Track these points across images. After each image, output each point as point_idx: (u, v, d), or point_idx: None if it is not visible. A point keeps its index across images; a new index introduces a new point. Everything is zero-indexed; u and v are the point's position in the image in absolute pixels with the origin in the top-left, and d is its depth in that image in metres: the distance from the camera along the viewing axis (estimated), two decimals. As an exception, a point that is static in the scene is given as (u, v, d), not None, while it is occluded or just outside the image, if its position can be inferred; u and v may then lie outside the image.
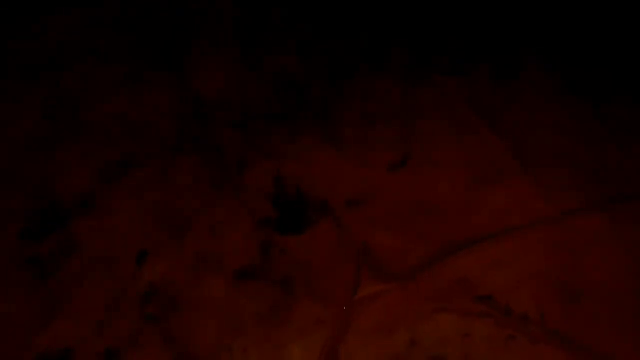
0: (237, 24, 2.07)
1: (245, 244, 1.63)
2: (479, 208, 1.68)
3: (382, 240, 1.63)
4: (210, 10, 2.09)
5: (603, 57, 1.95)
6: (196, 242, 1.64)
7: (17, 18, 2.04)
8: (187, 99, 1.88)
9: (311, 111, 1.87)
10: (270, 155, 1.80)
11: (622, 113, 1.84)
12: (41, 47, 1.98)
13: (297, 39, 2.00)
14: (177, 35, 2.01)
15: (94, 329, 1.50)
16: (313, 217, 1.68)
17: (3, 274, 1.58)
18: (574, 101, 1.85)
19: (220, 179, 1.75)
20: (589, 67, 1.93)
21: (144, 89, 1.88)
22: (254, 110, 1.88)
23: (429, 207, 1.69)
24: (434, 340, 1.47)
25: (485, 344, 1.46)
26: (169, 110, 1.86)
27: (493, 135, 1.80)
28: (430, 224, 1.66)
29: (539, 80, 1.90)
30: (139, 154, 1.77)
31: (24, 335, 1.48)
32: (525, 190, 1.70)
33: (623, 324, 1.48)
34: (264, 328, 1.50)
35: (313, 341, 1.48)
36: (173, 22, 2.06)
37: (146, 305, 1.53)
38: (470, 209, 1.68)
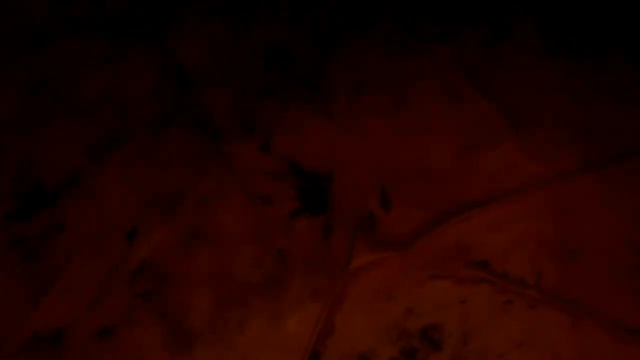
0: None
1: (237, 216, 1.62)
2: (473, 173, 1.66)
3: (377, 208, 1.62)
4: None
5: (591, 16, 1.93)
6: (187, 216, 1.61)
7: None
8: (172, 72, 1.85)
9: (300, 81, 1.84)
10: (259, 127, 1.77)
11: (611, 72, 1.81)
12: (20, 23, 1.93)
13: (282, 8, 1.97)
14: (160, 5, 1.97)
15: (86, 307, 1.48)
16: (306, 188, 1.66)
17: (-10, 256, 1.56)
18: (564, 60, 1.82)
19: (208, 152, 1.72)
20: (576, 27, 1.91)
21: (127, 63, 1.84)
22: (242, 81, 1.84)
23: (422, 174, 1.67)
24: (431, 307, 1.47)
25: (482, 310, 1.46)
26: (153, 84, 1.81)
27: (484, 99, 1.78)
28: (425, 191, 1.64)
29: (529, 41, 1.86)
30: (124, 130, 1.73)
31: (15, 316, 1.47)
32: (518, 152, 1.68)
33: (619, 282, 1.48)
34: (259, 300, 1.49)
35: (309, 311, 1.47)
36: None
37: (139, 281, 1.52)
38: (464, 175, 1.66)
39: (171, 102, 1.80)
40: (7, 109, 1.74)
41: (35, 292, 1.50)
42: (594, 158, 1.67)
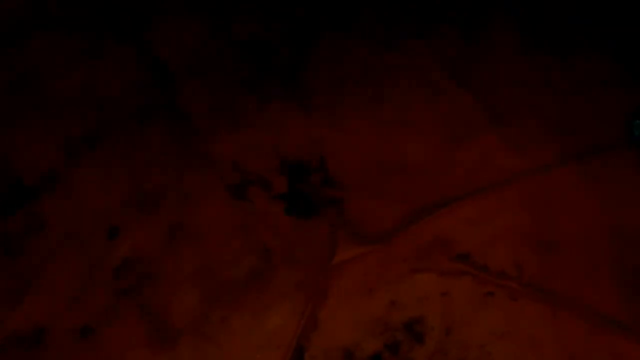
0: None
1: (220, 212, 1.61)
2: (452, 167, 1.68)
3: (358, 203, 1.63)
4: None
5: (566, 12, 1.96)
6: (169, 213, 1.61)
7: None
8: (150, 67, 1.84)
9: (280, 77, 1.84)
10: (240, 122, 1.77)
11: (586, 66, 1.85)
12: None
13: (260, 3, 1.96)
14: (137, 3, 1.96)
15: (67, 305, 1.47)
16: (288, 183, 1.66)
17: (-32, 255, 1.53)
18: (540, 55, 1.86)
19: (189, 149, 1.71)
20: (552, 23, 1.94)
21: (106, 61, 1.83)
22: (221, 77, 1.84)
23: (403, 168, 1.68)
24: (413, 300, 1.48)
25: (464, 302, 1.48)
26: (132, 81, 1.80)
27: (463, 93, 1.79)
28: (405, 185, 1.65)
29: (506, 36, 1.89)
30: (103, 127, 1.72)
31: (-6, 315, 1.45)
32: (497, 146, 1.70)
33: (598, 273, 1.50)
34: (242, 296, 1.49)
35: (293, 306, 1.48)
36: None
37: (120, 279, 1.51)
38: (444, 169, 1.68)
39: (151, 98, 1.79)
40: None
41: (15, 290, 1.48)
42: (571, 150, 1.70)
